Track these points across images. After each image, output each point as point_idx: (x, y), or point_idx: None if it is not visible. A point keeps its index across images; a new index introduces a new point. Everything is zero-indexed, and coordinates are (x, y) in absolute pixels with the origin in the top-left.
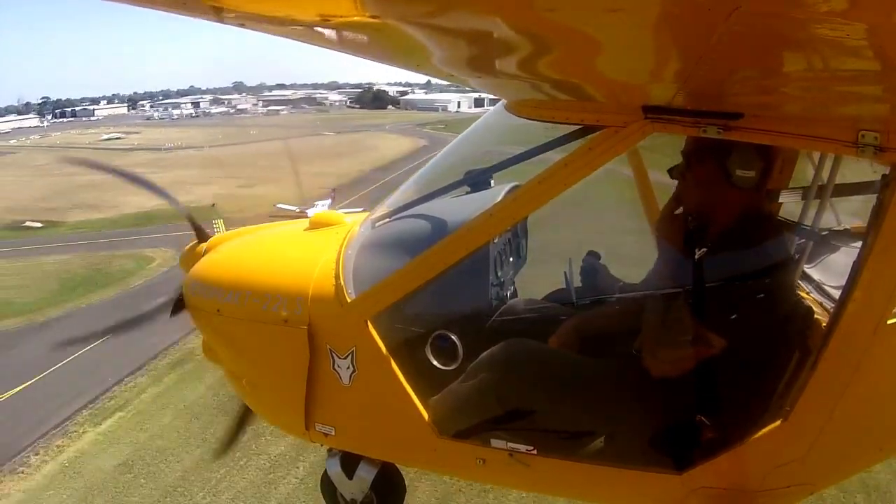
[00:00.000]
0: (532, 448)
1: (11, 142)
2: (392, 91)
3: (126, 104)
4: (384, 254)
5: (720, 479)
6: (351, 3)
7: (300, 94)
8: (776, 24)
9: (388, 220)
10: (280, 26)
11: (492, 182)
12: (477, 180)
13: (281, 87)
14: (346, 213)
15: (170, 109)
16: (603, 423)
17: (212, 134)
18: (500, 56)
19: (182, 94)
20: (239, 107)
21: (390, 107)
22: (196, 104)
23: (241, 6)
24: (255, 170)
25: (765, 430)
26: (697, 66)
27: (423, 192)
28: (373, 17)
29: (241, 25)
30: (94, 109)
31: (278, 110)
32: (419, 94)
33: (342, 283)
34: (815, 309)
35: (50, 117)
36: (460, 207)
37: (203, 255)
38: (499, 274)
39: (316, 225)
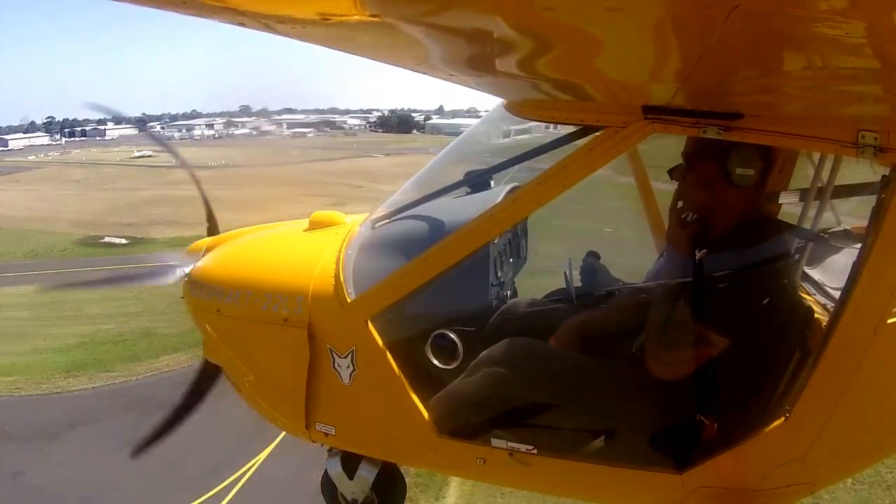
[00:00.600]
0: (532, 447)
1: (30, 157)
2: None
3: (135, 126)
4: (384, 254)
5: (720, 479)
6: (350, 1)
7: (312, 118)
8: (776, 23)
9: (388, 220)
10: (279, 25)
11: (492, 183)
12: (477, 181)
13: (289, 111)
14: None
15: (184, 130)
16: (603, 423)
17: (250, 153)
18: (500, 55)
19: (187, 116)
20: (263, 129)
21: (415, 131)
22: (210, 126)
23: (241, 5)
24: (333, 188)
25: (765, 430)
26: (697, 65)
27: (423, 192)
28: (372, 15)
29: (241, 24)
30: (105, 130)
31: (304, 132)
32: (443, 120)
33: (342, 282)
34: (815, 309)
35: (59, 136)
36: (460, 208)
37: (203, 255)
38: (499, 274)
39: (316, 225)
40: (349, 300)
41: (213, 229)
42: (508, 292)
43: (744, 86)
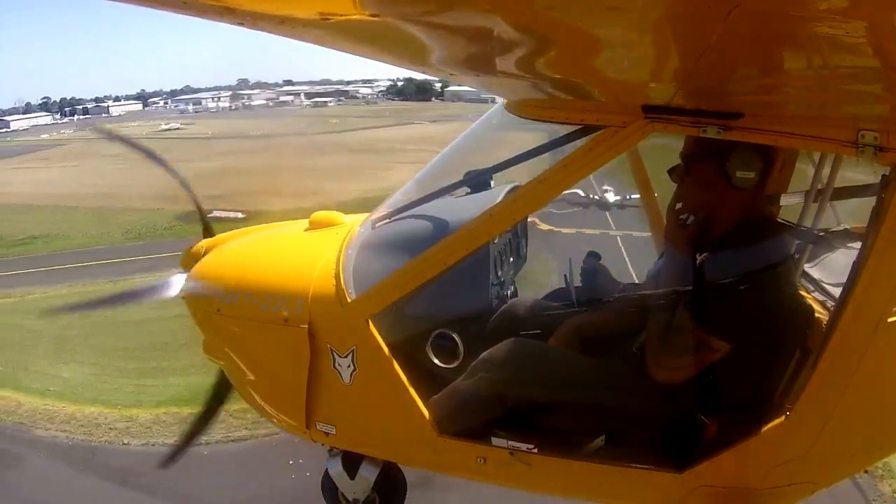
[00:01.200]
0: (533, 447)
1: (43, 136)
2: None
3: (138, 101)
4: (384, 254)
5: (721, 478)
6: (350, 1)
7: (319, 88)
8: (776, 22)
9: (388, 220)
10: (279, 25)
11: (492, 182)
12: (477, 181)
13: (288, 83)
14: None
15: (191, 105)
16: (603, 422)
17: (286, 123)
18: (500, 55)
19: (178, 93)
20: (281, 99)
21: (433, 99)
22: (216, 99)
23: (241, 5)
24: (413, 154)
25: (765, 429)
26: (697, 65)
27: (423, 192)
28: (372, 15)
29: (241, 24)
30: (108, 107)
31: (325, 102)
32: (462, 87)
33: (342, 282)
34: (815, 308)
35: (59, 116)
36: (460, 208)
37: (203, 255)
38: (499, 273)
39: (316, 225)
40: (349, 300)
41: (208, 231)
42: (508, 292)
43: (744, 85)
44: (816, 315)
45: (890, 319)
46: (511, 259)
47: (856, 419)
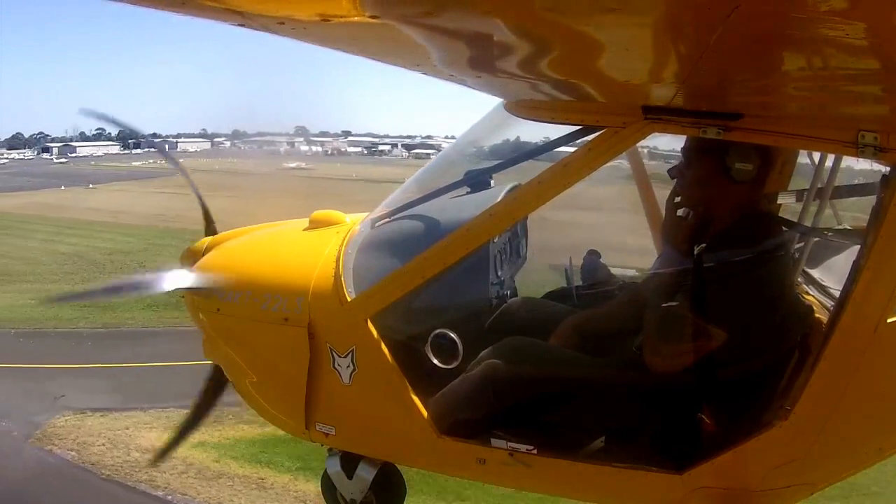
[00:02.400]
0: (532, 448)
1: (135, 163)
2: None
3: (206, 140)
4: (384, 253)
5: (720, 479)
6: (350, 3)
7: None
8: (776, 23)
9: (388, 219)
10: (279, 26)
11: (492, 182)
12: (477, 180)
13: (347, 133)
14: None
15: (282, 147)
16: (603, 423)
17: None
18: (500, 56)
19: (240, 135)
20: (380, 148)
21: None
22: (291, 144)
23: (241, 5)
24: None
25: (765, 430)
26: (697, 66)
27: (423, 191)
28: (372, 16)
29: (241, 25)
30: (176, 142)
31: (427, 153)
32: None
33: (342, 282)
34: (815, 308)
35: (125, 147)
36: (460, 207)
37: (203, 254)
38: (499, 273)
39: (316, 224)
40: (349, 299)
41: (210, 230)
42: (508, 291)
43: (744, 86)
44: (816, 315)
45: (890, 319)
46: (511, 258)
47: (855, 420)
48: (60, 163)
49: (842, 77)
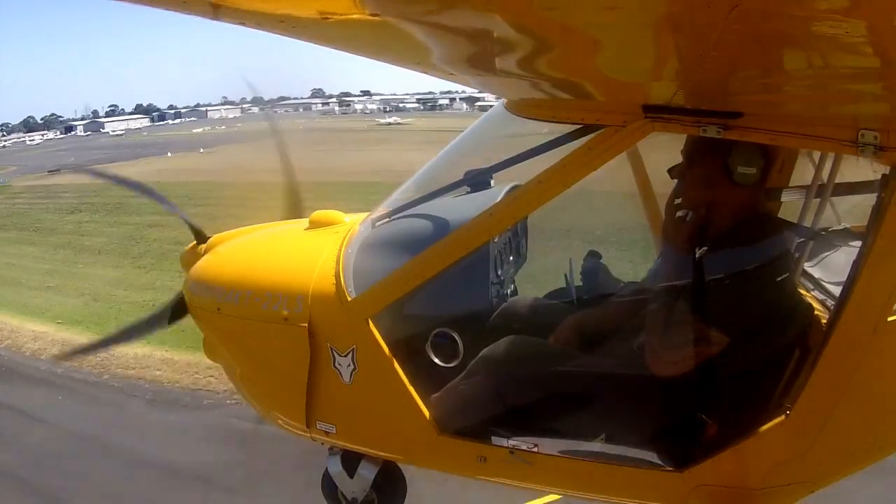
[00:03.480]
0: (533, 445)
1: (195, 130)
2: None
3: (236, 106)
4: (384, 253)
5: (721, 477)
6: (350, 1)
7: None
8: (776, 22)
9: (388, 219)
10: (279, 24)
11: (492, 182)
12: (477, 180)
13: (365, 93)
14: None
15: (336, 108)
16: (604, 421)
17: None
18: (500, 54)
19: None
20: (440, 103)
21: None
22: (325, 104)
23: (240, 4)
24: None
25: (765, 428)
26: (697, 64)
27: (423, 191)
28: (372, 14)
29: (241, 24)
30: (206, 111)
31: (489, 104)
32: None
33: (342, 281)
34: (815, 307)
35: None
36: (460, 207)
37: (203, 255)
38: (499, 273)
39: (316, 224)
40: (349, 299)
41: (200, 237)
42: (508, 291)
43: (744, 85)
44: (816, 314)
45: (890, 319)
46: (511, 258)
47: (855, 419)
48: (117, 135)
49: (842, 76)
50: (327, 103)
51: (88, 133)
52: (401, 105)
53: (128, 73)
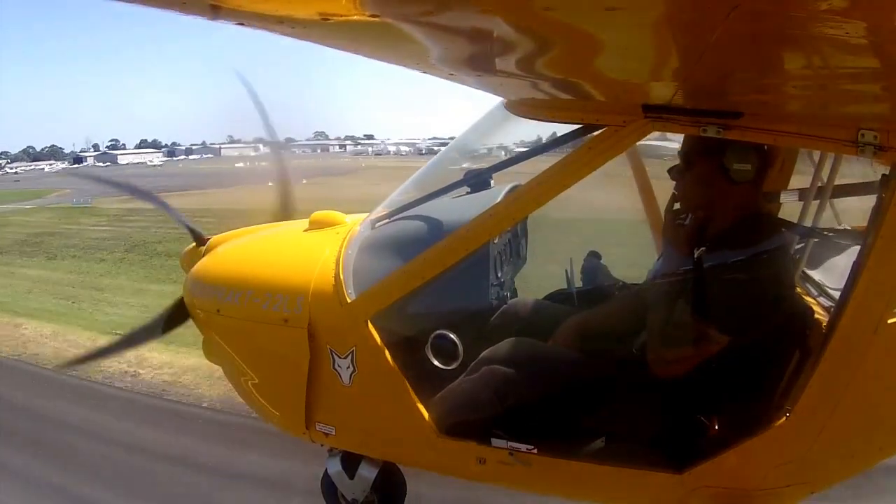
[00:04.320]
0: (532, 447)
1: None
2: None
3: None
4: (384, 254)
5: (721, 479)
6: (350, 2)
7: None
8: (776, 22)
9: (387, 220)
10: (279, 25)
11: (492, 182)
12: (477, 180)
13: (369, 137)
14: None
15: (369, 149)
16: (603, 423)
17: None
18: (500, 55)
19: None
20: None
21: None
22: (343, 147)
23: (240, 5)
24: None
25: (765, 430)
26: (697, 65)
27: (422, 192)
28: (372, 15)
29: (241, 24)
30: (220, 148)
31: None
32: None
33: (342, 282)
34: (815, 308)
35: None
36: (460, 207)
37: (202, 256)
38: (499, 274)
39: (316, 225)
40: (349, 300)
41: (199, 239)
42: (508, 292)
43: (743, 85)
44: (816, 315)
45: (890, 320)
46: (511, 259)
47: (856, 420)
48: (154, 166)
49: (842, 76)
50: (358, 144)
51: (108, 164)
52: (434, 148)
53: (124, 109)
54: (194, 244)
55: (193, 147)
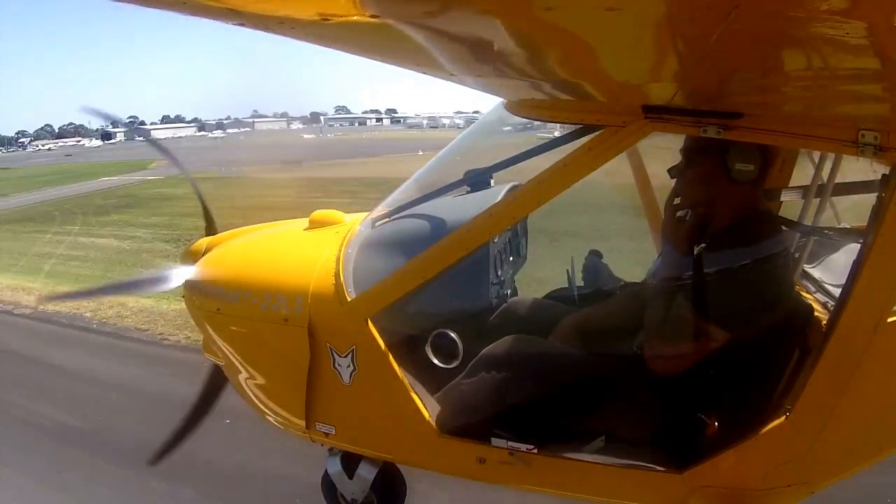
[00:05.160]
0: (532, 446)
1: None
2: None
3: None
4: (384, 253)
5: (721, 478)
6: (350, 2)
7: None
8: (776, 22)
9: (387, 219)
10: (278, 25)
11: (492, 182)
12: (477, 180)
13: (393, 111)
14: None
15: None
16: (604, 422)
17: None
18: (500, 56)
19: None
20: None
21: None
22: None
23: (240, 5)
24: None
25: (765, 429)
26: (697, 65)
27: (422, 191)
28: (372, 16)
29: (240, 24)
30: (253, 122)
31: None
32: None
33: (342, 282)
34: (815, 308)
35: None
36: (460, 207)
37: (203, 254)
38: (499, 273)
39: (316, 224)
40: (349, 299)
41: (211, 229)
42: (508, 291)
43: (743, 85)
44: (816, 314)
45: (890, 319)
46: (511, 259)
47: (856, 419)
48: (215, 138)
49: (842, 76)
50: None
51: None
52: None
53: (136, 85)
54: (204, 234)
55: (224, 122)
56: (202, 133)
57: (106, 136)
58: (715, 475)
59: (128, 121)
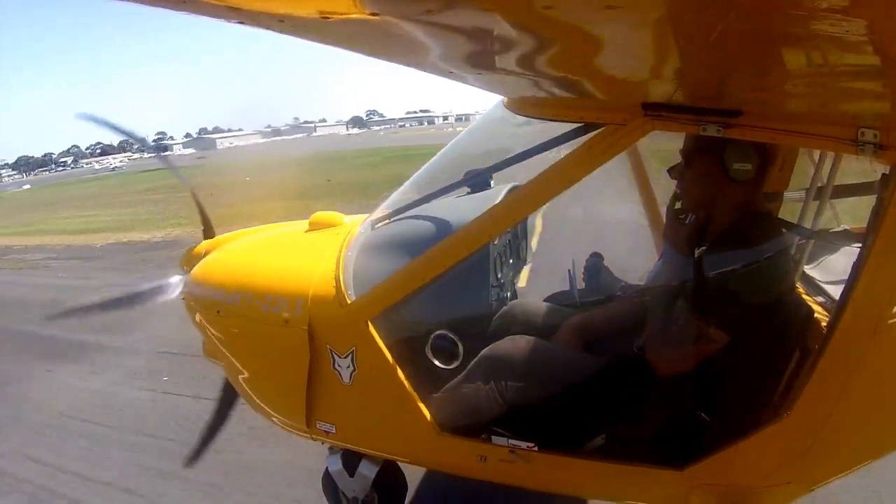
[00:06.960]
0: (533, 445)
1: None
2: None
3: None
4: (384, 255)
5: (721, 476)
6: (351, 0)
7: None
8: (776, 20)
9: (387, 221)
10: (279, 24)
11: (492, 182)
12: (477, 180)
13: (425, 111)
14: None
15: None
16: (604, 420)
17: None
18: (500, 54)
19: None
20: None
21: None
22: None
23: (240, 3)
24: None
25: (766, 428)
26: (697, 63)
27: (422, 192)
28: (372, 14)
29: (241, 23)
30: (315, 126)
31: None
32: None
33: (342, 284)
34: (815, 308)
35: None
36: (460, 208)
37: (203, 257)
38: (499, 275)
39: (316, 226)
40: (349, 301)
41: (208, 232)
42: (508, 293)
43: (744, 83)
44: (816, 315)
45: (890, 320)
46: (511, 260)
47: (855, 419)
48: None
49: (842, 74)
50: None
51: (206, 150)
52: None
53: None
54: (203, 238)
55: (282, 129)
56: (266, 140)
57: (164, 149)
58: (716, 473)
59: (157, 136)
